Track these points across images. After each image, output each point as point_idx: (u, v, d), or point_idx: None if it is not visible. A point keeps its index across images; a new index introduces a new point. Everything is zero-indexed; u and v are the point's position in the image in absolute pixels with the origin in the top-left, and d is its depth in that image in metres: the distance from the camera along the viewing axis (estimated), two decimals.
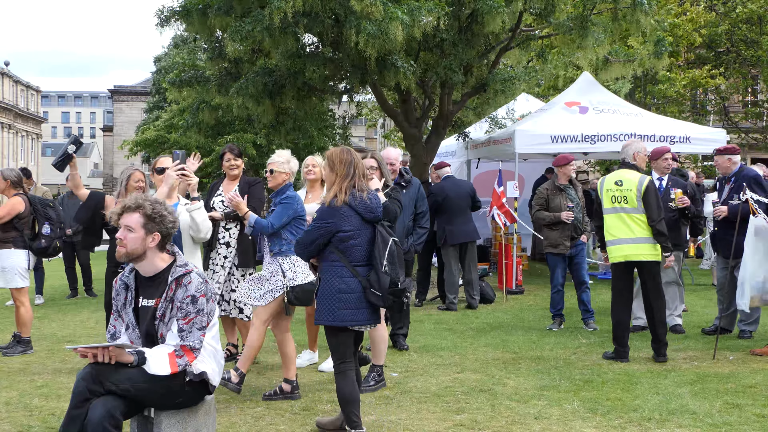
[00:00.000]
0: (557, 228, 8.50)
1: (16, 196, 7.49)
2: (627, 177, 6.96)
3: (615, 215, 6.97)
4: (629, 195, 6.88)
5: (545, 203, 8.61)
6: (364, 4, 9.89)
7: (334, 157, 4.69)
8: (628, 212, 6.89)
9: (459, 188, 10.29)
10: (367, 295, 4.56)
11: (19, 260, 7.48)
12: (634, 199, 6.85)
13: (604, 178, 7.19)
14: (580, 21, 11.51)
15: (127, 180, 6.28)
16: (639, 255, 6.86)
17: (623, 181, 6.95)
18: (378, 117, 23.54)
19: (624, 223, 6.89)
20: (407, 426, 5.02)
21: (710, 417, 5.12)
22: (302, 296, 5.60)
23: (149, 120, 31.82)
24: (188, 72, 13.70)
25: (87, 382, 3.69)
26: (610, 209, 7.01)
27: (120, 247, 3.95)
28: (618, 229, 6.92)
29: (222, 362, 4.16)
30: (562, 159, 8.72)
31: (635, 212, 6.86)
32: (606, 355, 6.99)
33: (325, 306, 4.57)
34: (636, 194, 6.84)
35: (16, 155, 61.42)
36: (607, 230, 7.05)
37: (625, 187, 6.91)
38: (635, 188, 6.85)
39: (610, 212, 7.02)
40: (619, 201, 6.93)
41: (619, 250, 6.92)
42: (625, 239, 6.88)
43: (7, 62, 59.71)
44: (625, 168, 7.07)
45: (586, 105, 12.49)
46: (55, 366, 6.91)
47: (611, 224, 6.99)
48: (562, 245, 8.47)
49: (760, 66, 21.66)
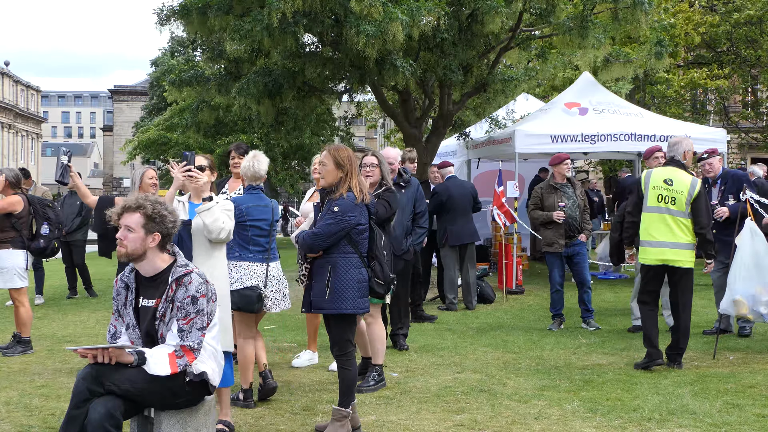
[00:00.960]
0: (551, 227, 8.54)
1: (15, 195, 7.50)
2: (679, 177, 6.47)
3: (658, 215, 6.46)
4: (679, 197, 6.40)
5: (539, 202, 8.65)
6: (364, 4, 9.89)
7: (339, 154, 4.82)
8: (674, 215, 6.41)
9: (462, 189, 10.30)
10: (371, 284, 4.88)
11: (18, 260, 7.47)
12: (683, 203, 6.39)
13: (650, 173, 6.63)
14: (580, 21, 11.51)
15: (140, 179, 6.33)
16: (678, 261, 6.42)
17: (674, 180, 6.45)
18: (378, 117, 23.56)
19: (667, 225, 6.41)
20: (407, 426, 5.02)
21: (710, 417, 5.12)
22: (239, 300, 5.47)
23: (147, 122, 31.79)
24: (188, 72, 13.70)
25: (87, 382, 3.69)
26: (654, 208, 6.49)
27: (120, 248, 3.95)
28: (659, 230, 6.43)
29: (222, 362, 4.15)
30: (556, 158, 8.75)
31: (681, 216, 6.40)
32: (637, 365, 6.55)
33: (347, 295, 4.75)
34: (686, 197, 6.38)
35: (16, 155, 61.44)
36: (645, 229, 6.54)
37: (675, 187, 6.42)
38: (686, 191, 6.40)
39: (653, 211, 6.50)
40: (666, 201, 6.42)
41: (658, 253, 6.45)
42: (666, 242, 6.41)
43: (7, 62, 59.75)
44: (675, 166, 6.58)
45: (586, 106, 12.50)
46: (55, 366, 6.91)
47: (652, 224, 6.48)
48: (557, 243, 8.50)
49: (760, 66, 21.67)
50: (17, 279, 7.46)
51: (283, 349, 7.61)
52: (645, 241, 6.55)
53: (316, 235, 4.74)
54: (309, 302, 4.87)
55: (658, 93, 20.12)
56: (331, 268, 4.75)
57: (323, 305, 4.78)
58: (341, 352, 4.85)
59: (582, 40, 11.61)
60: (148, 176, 6.39)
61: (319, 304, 4.79)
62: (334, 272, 4.75)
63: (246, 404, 5.49)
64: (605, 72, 13.46)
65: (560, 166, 8.69)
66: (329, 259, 4.77)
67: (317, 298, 4.79)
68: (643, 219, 6.58)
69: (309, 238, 4.75)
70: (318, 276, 4.80)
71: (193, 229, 4.90)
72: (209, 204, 4.80)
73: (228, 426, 4.88)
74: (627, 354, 7.18)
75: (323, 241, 4.73)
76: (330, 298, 4.73)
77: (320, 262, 4.80)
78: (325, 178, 4.85)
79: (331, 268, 4.75)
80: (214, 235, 4.81)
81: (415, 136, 12.95)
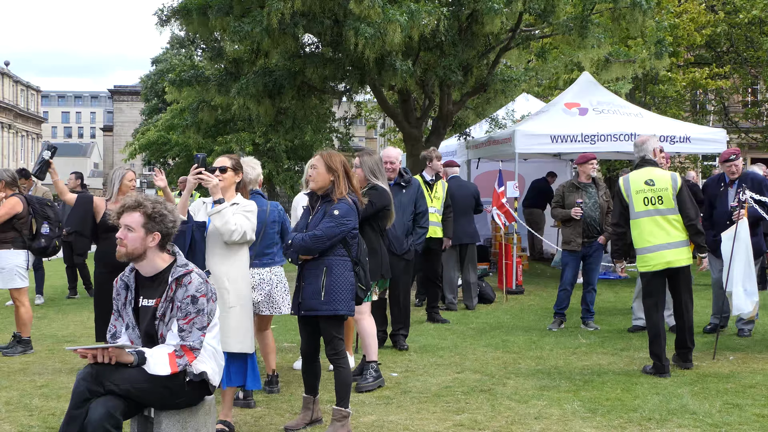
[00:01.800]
0: (570, 225, 8.52)
1: (14, 197, 7.50)
2: (658, 175, 6.37)
3: (649, 219, 6.31)
4: (665, 194, 6.29)
5: (561, 200, 8.65)
6: (363, 6, 9.89)
7: (332, 159, 4.91)
8: (664, 214, 6.29)
9: (464, 189, 10.29)
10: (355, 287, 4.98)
11: (19, 260, 7.48)
12: (671, 199, 6.28)
13: (627, 179, 6.48)
14: (580, 21, 11.52)
15: (120, 181, 6.36)
16: (680, 260, 6.29)
17: (655, 180, 6.34)
18: (378, 117, 23.56)
19: (660, 226, 6.28)
20: (407, 426, 5.02)
21: (710, 417, 5.12)
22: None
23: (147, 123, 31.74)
24: (188, 72, 13.71)
25: (87, 382, 3.69)
26: (643, 212, 6.33)
27: (120, 247, 3.94)
28: (654, 234, 6.27)
29: (222, 362, 4.15)
30: (582, 158, 8.70)
31: (671, 213, 6.29)
32: (646, 369, 6.41)
33: (341, 297, 4.81)
34: (672, 192, 6.29)
35: (16, 155, 61.46)
36: (640, 236, 6.35)
37: (658, 186, 6.31)
38: (670, 186, 6.30)
39: (642, 216, 6.34)
40: (653, 202, 6.28)
41: (660, 257, 6.28)
42: (665, 244, 6.26)
43: (7, 62, 59.77)
44: (649, 166, 6.49)
45: (586, 106, 12.49)
46: (55, 366, 6.91)
47: (647, 229, 6.31)
48: (574, 242, 8.46)
49: (760, 66, 21.66)
50: (18, 279, 7.47)
51: (283, 349, 7.61)
52: (643, 249, 6.35)
53: (318, 237, 4.75)
54: (298, 304, 4.89)
55: (659, 93, 20.10)
56: (326, 269, 4.78)
57: (318, 306, 4.79)
58: (334, 351, 4.88)
59: (582, 40, 11.62)
60: (128, 178, 6.41)
61: (314, 306, 4.80)
62: (329, 274, 4.78)
63: (246, 404, 5.50)
64: (605, 72, 13.47)
65: (585, 165, 8.61)
66: (324, 261, 4.80)
67: (311, 299, 4.80)
68: (635, 226, 6.39)
69: (310, 240, 4.76)
70: (311, 278, 4.81)
71: (209, 231, 4.90)
72: (219, 207, 4.79)
73: (228, 426, 4.89)
74: (627, 354, 7.18)
75: (323, 243, 4.75)
76: (326, 300, 4.77)
77: (313, 263, 4.82)
78: (316, 181, 4.89)
79: (326, 269, 4.78)
80: (226, 237, 4.80)
81: (415, 136, 12.96)
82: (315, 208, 4.94)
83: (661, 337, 6.30)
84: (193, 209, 5.00)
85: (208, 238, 4.89)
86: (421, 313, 9.60)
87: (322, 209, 4.85)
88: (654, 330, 6.35)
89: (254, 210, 5.00)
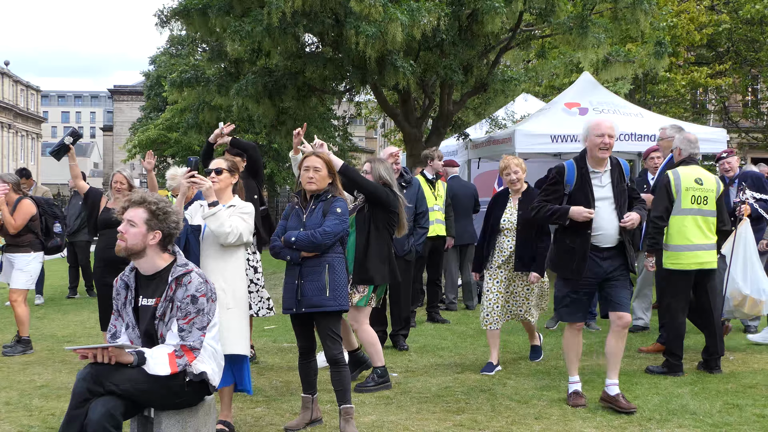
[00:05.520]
0: None
1: (25, 199, 7.58)
2: (705, 176, 6.27)
3: (692, 218, 6.20)
4: (710, 195, 6.21)
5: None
6: (364, 5, 9.88)
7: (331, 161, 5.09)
8: (706, 215, 6.22)
9: (465, 189, 10.29)
10: None
11: (37, 266, 7.73)
12: (713, 201, 6.23)
13: (678, 174, 6.29)
14: (580, 21, 11.51)
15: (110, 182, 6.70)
16: (712, 263, 6.25)
17: (703, 179, 6.23)
18: (378, 117, 23.56)
19: (699, 227, 6.20)
20: (407, 426, 5.02)
21: (710, 417, 5.12)
22: None
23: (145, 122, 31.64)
24: (188, 72, 13.70)
25: (87, 382, 3.68)
26: (688, 210, 6.20)
27: (120, 241, 3.94)
28: (694, 233, 6.18)
29: (222, 363, 4.15)
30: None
31: (711, 215, 6.24)
32: (654, 369, 6.44)
33: (343, 293, 4.91)
34: (715, 195, 6.24)
35: (16, 155, 61.44)
36: (680, 233, 6.21)
37: (706, 186, 6.21)
38: (715, 189, 6.25)
39: (686, 213, 6.20)
40: (699, 202, 6.18)
41: (695, 257, 6.19)
42: (702, 245, 6.19)
43: (7, 62, 59.73)
44: (695, 164, 6.37)
45: (586, 106, 12.47)
46: (55, 366, 6.91)
47: (688, 227, 6.19)
48: None
49: (760, 66, 21.65)
50: (31, 282, 7.69)
51: (283, 349, 7.61)
52: (680, 246, 6.21)
53: (327, 233, 4.80)
54: (297, 302, 4.87)
55: (659, 92, 20.11)
56: (328, 267, 4.84)
57: (324, 303, 4.82)
58: (334, 349, 4.92)
59: (582, 39, 11.61)
60: (116, 180, 6.67)
61: (319, 302, 4.82)
62: (332, 271, 4.85)
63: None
64: (605, 72, 13.47)
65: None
66: (325, 258, 4.86)
67: (315, 296, 4.81)
68: (676, 222, 6.22)
69: (320, 236, 4.78)
70: (312, 275, 4.83)
71: (205, 233, 4.89)
72: (213, 210, 4.78)
73: (228, 426, 4.89)
74: (627, 354, 7.16)
75: (331, 239, 4.83)
76: (331, 296, 4.83)
77: (315, 261, 4.85)
78: (318, 183, 4.93)
79: (328, 267, 4.84)
80: (222, 239, 4.79)
81: (415, 136, 12.95)
82: (307, 208, 4.95)
83: (682, 337, 6.28)
84: (190, 212, 4.99)
85: (203, 241, 4.88)
86: (421, 313, 9.60)
87: (319, 208, 4.89)
88: (677, 331, 6.29)
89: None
